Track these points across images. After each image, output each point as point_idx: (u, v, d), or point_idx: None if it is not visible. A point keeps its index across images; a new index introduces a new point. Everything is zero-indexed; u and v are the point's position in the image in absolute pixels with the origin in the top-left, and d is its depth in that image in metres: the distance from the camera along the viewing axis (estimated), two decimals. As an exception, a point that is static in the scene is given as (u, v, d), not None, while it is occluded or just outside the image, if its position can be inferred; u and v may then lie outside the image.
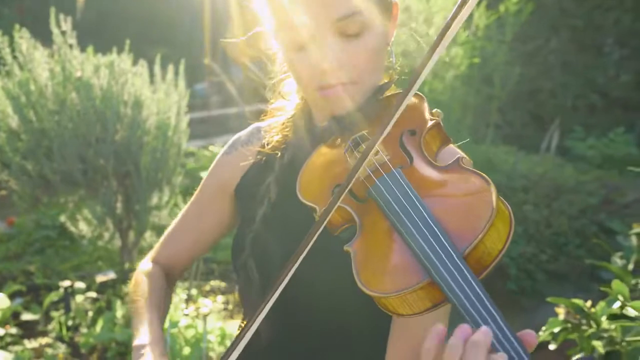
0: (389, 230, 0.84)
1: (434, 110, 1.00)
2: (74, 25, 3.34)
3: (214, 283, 3.73)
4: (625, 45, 6.38)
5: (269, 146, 1.17)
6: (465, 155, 1.05)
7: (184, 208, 1.32)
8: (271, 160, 1.17)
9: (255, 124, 1.28)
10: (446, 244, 0.76)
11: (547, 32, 6.19)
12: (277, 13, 0.98)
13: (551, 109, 6.19)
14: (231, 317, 3.30)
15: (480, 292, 0.72)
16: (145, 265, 1.32)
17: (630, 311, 1.57)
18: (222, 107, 7.90)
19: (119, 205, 3.53)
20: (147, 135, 3.39)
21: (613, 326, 1.61)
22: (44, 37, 3.36)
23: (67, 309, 3.30)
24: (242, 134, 1.27)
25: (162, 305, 1.22)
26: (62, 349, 3.01)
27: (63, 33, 3.23)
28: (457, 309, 0.73)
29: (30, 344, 3.06)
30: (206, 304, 3.43)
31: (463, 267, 0.74)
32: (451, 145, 1.03)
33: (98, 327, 3.09)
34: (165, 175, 3.60)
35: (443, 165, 0.89)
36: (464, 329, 0.71)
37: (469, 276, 0.74)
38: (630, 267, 1.96)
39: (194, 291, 3.49)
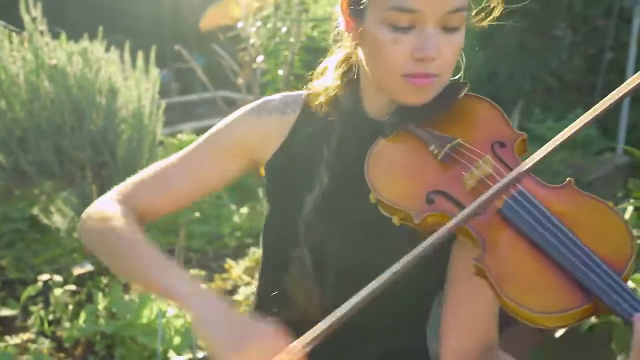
0: (528, 248, 0.86)
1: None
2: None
3: (193, 272, 3.70)
4: (577, 31, 6.60)
5: (313, 127, 1.12)
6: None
7: (180, 154, 1.19)
8: (314, 142, 1.11)
9: (285, 94, 1.20)
10: (608, 270, 0.80)
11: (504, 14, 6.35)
12: None
13: (510, 92, 6.36)
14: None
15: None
16: (110, 204, 1.16)
17: (629, 284, 1.66)
18: (182, 93, 7.79)
19: (94, 195, 3.46)
20: (123, 124, 3.32)
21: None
22: (12, 23, 3.24)
23: (47, 303, 3.22)
24: (274, 99, 1.18)
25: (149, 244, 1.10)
26: (45, 344, 2.95)
27: (34, 20, 3.12)
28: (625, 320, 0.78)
29: (12, 340, 2.98)
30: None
31: (629, 290, 0.78)
32: None
33: (81, 320, 3.03)
34: (141, 164, 3.54)
35: (555, 185, 0.92)
36: None
37: (634, 297, 0.78)
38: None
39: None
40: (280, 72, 4.84)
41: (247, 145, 1.16)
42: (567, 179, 0.92)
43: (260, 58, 4.72)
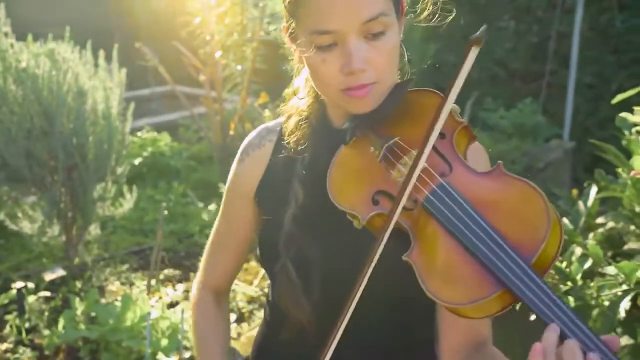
0: (448, 241, 0.86)
1: (453, 108, 0.98)
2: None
3: (168, 272, 3.70)
4: (521, 21, 6.84)
5: (287, 148, 1.18)
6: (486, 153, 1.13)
7: (214, 227, 1.34)
8: (289, 161, 1.17)
9: (263, 125, 1.28)
10: (514, 256, 0.79)
11: (450, 6, 6.51)
12: (306, 16, 0.99)
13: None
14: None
15: (555, 298, 0.77)
16: (194, 295, 1.36)
17: (609, 269, 1.80)
18: (130, 89, 7.61)
19: (63, 198, 3.40)
20: (94, 126, 3.27)
21: (592, 284, 1.85)
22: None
23: (21, 311, 3.15)
24: (252, 137, 1.26)
25: (218, 335, 1.30)
26: (26, 353, 2.89)
27: (-4, 20, 3.02)
28: (537, 315, 0.78)
29: (-10, 350, 2.91)
30: (168, 293, 3.41)
31: (535, 277, 0.78)
32: (476, 142, 1.04)
33: (60, 327, 2.98)
34: (110, 165, 3.50)
35: (483, 171, 0.91)
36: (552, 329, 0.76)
37: (542, 285, 0.77)
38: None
39: (152, 281, 3.45)
40: (239, 67, 4.85)
41: (244, 190, 1.25)
42: (497, 162, 0.91)
43: (218, 53, 4.72)
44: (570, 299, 1.84)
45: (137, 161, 4.78)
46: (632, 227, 2.08)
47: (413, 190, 0.90)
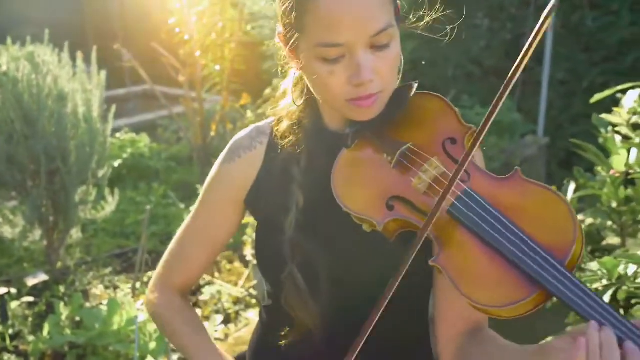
0: (477, 244, 0.88)
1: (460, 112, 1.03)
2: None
3: (151, 274, 3.68)
4: (495, 19, 6.93)
5: (282, 152, 1.17)
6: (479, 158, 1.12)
7: (186, 224, 1.29)
8: (284, 165, 1.16)
9: (253, 125, 1.25)
10: (550, 259, 0.82)
11: (427, 4, 6.56)
12: (313, 28, 0.98)
13: (432, 79, 6.62)
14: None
15: (593, 295, 0.81)
16: (157, 297, 1.30)
17: (591, 266, 1.86)
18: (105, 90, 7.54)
19: (44, 202, 3.37)
20: (75, 129, 3.25)
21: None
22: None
23: (4, 317, 3.12)
24: (242, 138, 1.23)
25: (202, 326, 1.27)
26: (11, 359, 2.87)
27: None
28: (578, 314, 0.82)
29: (-26, 358, 2.88)
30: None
31: (572, 277, 0.81)
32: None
33: (45, 332, 2.97)
34: (92, 168, 3.47)
35: (502, 176, 0.94)
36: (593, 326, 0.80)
37: (580, 284, 0.81)
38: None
39: (137, 284, 3.44)
40: (217, 67, 4.84)
41: (231, 193, 1.22)
42: (515, 168, 0.93)
43: (197, 53, 4.70)
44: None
45: (116, 163, 4.74)
46: (610, 223, 2.15)
47: (436, 195, 0.92)
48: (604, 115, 1.89)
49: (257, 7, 4.93)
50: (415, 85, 1.10)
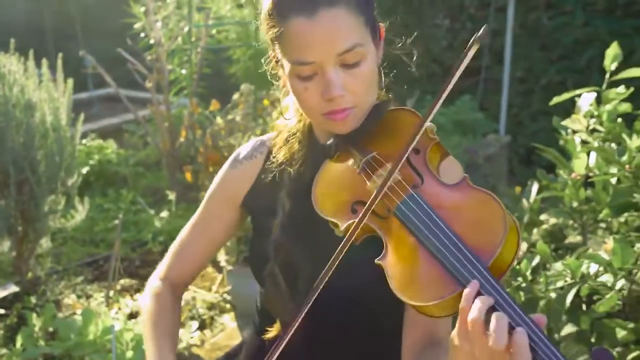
0: (416, 245, 0.95)
1: (429, 126, 1.09)
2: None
3: (124, 282, 3.68)
4: (456, 19, 7.08)
5: (276, 161, 1.28)
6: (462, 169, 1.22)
7: (190, 222, 1.41)
8: (277, 174, 1.27)
9: (257, 138, 1.38)
10: (472, 259, 0.88)
11: (390, 5, 6.64)
12: (287, 48, 1.09)
13: (396, 79, 6.72)
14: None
15: (506, 295, 0.85)
16: (154, 284, 1.40)
17: (556, 266, 1.96)
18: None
19: (13, 213, 3.33)
20: (44, 139, 3.22)
21: (541, 279, 2.01)
22: None
23: (-25, 331, 3.08)
24: (245, 148, 1.37)
25: (171, 328, 1.33)
26: (-15, 373, 2.84)
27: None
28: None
29: (-53, 374, 2.84)
30: (127, 304, 3.41)
31: (490, 277, 0.87)
32: (450, 157, 1.15)
33: (18, 344, 2.95)
34: (61, 177, 3.45)
35: (451, 183, 1.02)
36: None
37: (495, 284, 0.86)
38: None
39: (110, 293, 3.44)
40: (184, 71, 4.85)
41: (231, 196, 1.36)
42: (463, 175, 1.01)
43: (163, 58, 4.70)
44: (521, 294, 1.99)
45: (84, 170, 4.70)
46: (571, 222, 2.26)
47: (386, 199, 1.01)
48: (565, 122, 1.99)
49: (223, 11, 4.95)
50: (391, 102, 1.20)
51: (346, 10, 1.05)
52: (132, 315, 3.30)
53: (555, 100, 2.10)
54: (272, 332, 1.26)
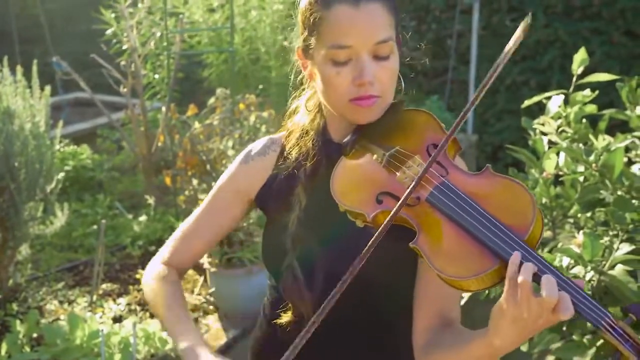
0: (452, 227, 1.04)
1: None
2: None
3: (106, 286, 3.71)
4: (422, 21, 7.23)
5: (290, 159, 1.35)
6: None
7: (196, 212, 1.46)
8: (292, 171, 1.34)
9: (268, 137, 1.45)
10: (511, 235, 0.98)
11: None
12: (327, 32, 1.18)
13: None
14: (152, 317, 3.36)
15: (545, 262, 0.95)
16: (157, 268, 1.43)
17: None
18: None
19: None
20: (24, 147, 3.24)
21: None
22: None
23: (-42, 340, 3.08)
24: (257, 145, 1.43)
25: (186, 308, 1.39)
26: (-28, 381, 2.85)
27: None
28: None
29: None
30: (111, 308, 3.44)
31: (529, 248, 0.96)
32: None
33: (3, 352, 2.96)
34: (41, 185, 3.46)
35: (475, 172, 1.11)
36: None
37: (534, 253, 0.96)
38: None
39: (94, 297, 3.47)
40: (156, 76, 4.87)
41: (241, 190, 1.42)
42: (487, 165, 1.10)
43: (138, 62, 4.71)
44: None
45: (60, 175, 4.68)
46: (542, 218, 2.39)
47: (417, 188, 1.09)
48: (535, 124, 2.13)
49: (196, 16, 4.98)
50: (405, 102, 1.29)
51: (383, 7, 1.17)
52: (116, 319, 3.33)
53: (527, 102, 2.23)
54: (285, 317, 1.31)
